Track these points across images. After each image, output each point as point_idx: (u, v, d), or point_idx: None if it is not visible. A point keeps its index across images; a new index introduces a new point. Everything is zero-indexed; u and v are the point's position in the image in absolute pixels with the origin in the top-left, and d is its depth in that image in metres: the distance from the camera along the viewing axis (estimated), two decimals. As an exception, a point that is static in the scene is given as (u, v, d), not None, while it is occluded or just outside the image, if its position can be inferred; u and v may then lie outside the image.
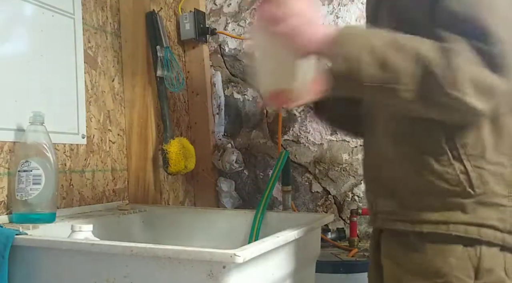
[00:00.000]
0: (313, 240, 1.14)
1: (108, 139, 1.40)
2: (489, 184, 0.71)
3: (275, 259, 0.87)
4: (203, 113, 1.74)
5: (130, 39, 1.48)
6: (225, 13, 1.78)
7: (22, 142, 1.08)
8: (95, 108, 1.36)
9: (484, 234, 0.71)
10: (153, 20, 1.48)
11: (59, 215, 1.12)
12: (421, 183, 0.75)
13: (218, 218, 1.31)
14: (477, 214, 0.71)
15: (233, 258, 0.68)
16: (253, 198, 1.74)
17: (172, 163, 1.44)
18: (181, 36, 1.70)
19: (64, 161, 1.24)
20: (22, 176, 1.04)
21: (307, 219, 1.12)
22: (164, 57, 1.47)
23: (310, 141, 1.64)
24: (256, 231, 1.22)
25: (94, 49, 1.37)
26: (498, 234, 0.71)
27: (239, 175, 1.75)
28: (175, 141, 1.46)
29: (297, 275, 1.02)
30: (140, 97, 1.46)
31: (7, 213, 1.07)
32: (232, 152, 1.69)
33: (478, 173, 0.71)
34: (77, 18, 1.32)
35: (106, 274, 0.77)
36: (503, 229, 0.71)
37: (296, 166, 1.66)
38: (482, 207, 0.71)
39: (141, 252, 0.74)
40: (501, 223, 0.71)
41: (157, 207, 1.41)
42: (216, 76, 1.77)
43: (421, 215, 0.75)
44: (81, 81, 1.31)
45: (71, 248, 0.81)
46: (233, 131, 1.77)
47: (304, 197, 1.66)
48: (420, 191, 0.75)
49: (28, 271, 0.84)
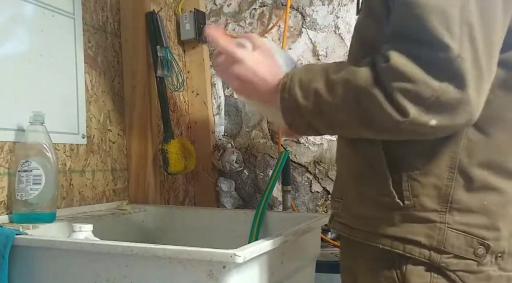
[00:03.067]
0: (313, 240, 1.14)
1: (108, 139, 1.40)
2: (419, 197, 0.66)
3: (275, 259, 0.87)
4: (203, 113, 1.74)
5: (130, 39, 1.48)
6: (225, 13, 1.78)
7: (22, 142, 1.08)
8: (95, 108, 1.36)
9: (408, 250, 0.66)
10: (153, 20, 1.48)
11: (59, 215, 1.12)
12: (358, 190, 0.73)
13: (218, 218, 1.31)
14: (403, 228, 0.66)
15: (233, 258, 0.68)
16: (253, 198, 1.74)
17: (172, 163, 1.44)
18: (181, 36, 1.70)
19: (64, 161, 1.24)
20: (22, 176, 1.04)
21: (307, 219, 1.12)
22: (164, 57, 1.47)
23: (310, 141, 1.64)
24: (256, 231, 1.22)
25: (94, 49, 1.37)
26: (424, 251, 0.65)
27: (239, 175, 1.75)
28: (175, 141, 1.46)
29: (297, 275, 1.02)
30: (140, 97, 1.46)
31: (7, 213, 1.07)
32: (232, 152, 1.69)
33: (410, 184, 0.66)
34: (77, 18, 1.32)
35: (106, 274, 0.77)
36: (429, 246, 0.65)
37: (296, 166, 1.66)
38: (409, 221, 0.66)
39: (141, 252, 0.74)
40: (427, 239, 0.65)
41: (157, 207, 1.41)
42: (216, 76, 1.77)
43: (356, 223, 0.73)
44: (81, 81, 1.31)
45: (71, 248, 0.81)
46: (233, 131, 1.77)
47: (304, 197, 1.66)
48: (357, 197, 0.73)
49: (28, 271, 0.84)
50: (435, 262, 0.65)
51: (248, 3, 1.74)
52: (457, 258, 0.65)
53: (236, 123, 1.77)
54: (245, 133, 1.75)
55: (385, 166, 0.67)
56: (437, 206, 0.65)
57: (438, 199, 0.65)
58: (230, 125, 1.78)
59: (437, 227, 0.65)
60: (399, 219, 0.67)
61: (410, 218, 0.66)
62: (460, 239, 0.64)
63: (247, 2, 1.75)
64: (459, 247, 0.64)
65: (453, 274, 0.65)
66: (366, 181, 0.70)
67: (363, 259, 0.73)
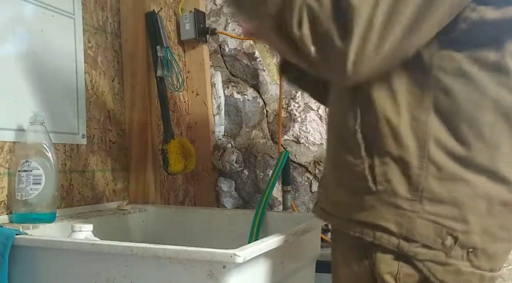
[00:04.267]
0: (313, 240, 1.14)
1: (108, 139, 1.40)
2: (392, 183, 0.65)
3: (275, 259, 0.87)
4: (203, 113, 1.74)
5: (130, 39, 1.48)
6: (225, 13, 1.78)
7: (22, 142, 1.08)
8: (95, 108, 1.36)
9: (378, 237, 0.66)
10: (153, 20, 1.48)
11: (59, 215, 1.12)
12: (335, 175, 0.73)
13: (218, 218, 1.31)
14: (373, 213, 0.66)
15: (233, 258, 0.68)
16: (253, 198, 1.74)
17: (172, 163, 1.44)
18: (181, 36, 1.70)
19: (64, 161, 1.24)
20: (22, 176, 1.04)
21: (307, 219, 1.12)
22: (164, 57, 1.47)
23: (310, 141, 1.64)
24: (256, 231, 1.22)
25: (94, 49, 1.37)
26: (393, 239, 0.65)
27: (239, 175, 1.75)
28: (175, 141, 1.46)
29: (297, 275, 1.02)
30: (140, 97, 1.46)
31: (7, 213, 1.07)
32: (232, 152, 1.69)
33: (384, 170, 0.65)
34: (77, 18, 1.32)
35: (106, 274, 0.77)
36: (398, 234, 0.64)
37: (296, 166, 1.66)
38: (381, 206, 0.66)
39: (141, 252, 0.74)
40: (397, 227, 0.65)
41: (157, 207, 1.41)
42: (216, 76, 1.77)
43: (333, 209, 0.74)
44: (81, 81, 1.31)
45: (71, 248, 0.81)
46: (233, 131, 1.77)
47: (304, 197, 1.66)
48: (335, 183, 0.73)
49: (28, 271, 0.84)
50: (403, 250, 0.65)
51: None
52: (426, 247, 0.64)
53: (236, 123, 1.77)
54: (245, 133, 1.75)
55: (362, 151, 0.67)
56: (407, 194, 0.65)
57: (409, 187, 0.65)
58: (230, 125, 1.78)
59: (407, 215, 0.65)
60: (370, 204, 0.67)
61: (381, 203, 0.66)
62: (429, 229, 0.64)
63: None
64: (427, 236, 0.64)
65: (421, 264, 0.65)
66: (343, 166, 0.70)
67: (340, 247, 0.74)
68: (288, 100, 1.67)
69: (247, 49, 1.73)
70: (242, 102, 1.76)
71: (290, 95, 1.67)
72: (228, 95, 1.78)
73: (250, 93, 1.74)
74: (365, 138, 0.67)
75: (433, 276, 0.64)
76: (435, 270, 0.65)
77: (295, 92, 1.66)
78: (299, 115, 1.66)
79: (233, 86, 1.77)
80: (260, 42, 0.99)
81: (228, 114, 1.78)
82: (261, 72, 1.72)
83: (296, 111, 1.66)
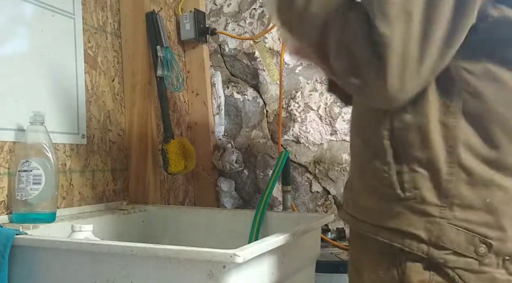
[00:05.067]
0: (313, 240, 1.14)
1: (108, 139, 1.40)
2: (420, 190, 0.64)
3: (275, 259, 0.87)
4: (203, 113, 1.74)
5: (130, 39, 1.48)
6: (225, 13, 1.78)
7: (22, 142, 1.08)
8: (95, 108, 1.36)
9: (407, 244, 0.65)
10: (153, 20, 1.48)
11: (59, 215, 1.12)
12: (363, 180, 0.72)
13: (218, 218, 1.31)
14: (402, 220, 0.65)
15: (233, 258, 0.68)
16: (253, 198, 1.74)
17: (172, 163, 1.44)
18: (181, 36, 1.70)
19: (64, 161, 1.24)
20: (22, 176, 1.04)
21: (307, 219, 1.12)
22: (164, 57, 1.47)
23: (310, 141, 1.64)
24: (256, 231, 1.22)
25: (94, 49, 1.37)
26: (423, 246, 0.64)
27: (239, 175, 1.75)
28: (175, 141, 1.46)
29: (297, 275, 1.02)
30: (140, 97, 1.46)
31: (7, 213, 1.07)
32: (232, 152, 1.69)
33: (412, 176, 0.65)
34: (77, 18, 1.32)
35: (106, 274, 0.77)
36: (428, 241, 0.64)
37: (296, 166, 1.66)
38: (410, 213, 0.65)
39: (141, 252, 0.74)
40: (426, 233, 0.64)
41: (157, 207, 1.41)
42: (216, 76, 1.77)
43: (360, 214, 0.73)
44: (81, 81, 1.31)
45: (71, 248, 0.81)
46: (233, 131, 1.77)
47: (304, 197, 1.66)
48: (362, 188, 0.73)
49: (28, 271, 0.84)
50: (433, 257, 0.64)
51: (248, 3, 1.74)
52: (457, 255, 0.63)
53: (236, 123, 1.77)
54: (245, 133, 1.75)
55: (389, 157, 0.66)
56: (437, 201, 0.64)
57: (438, 193, 0.64)
58: (230, 125, 1.78)
59: (437, 221, 0.64)
60: (399, 211, 0.66)
61: (410, 210, 0.65)
62: (460, 236, 0.63)
63: (247, 2, 1.75)
64: (458, 243, 0.63)
65: (452, 271, 0.64)
66: (370, 171, 0.70)
67: (367, 253, 0.72)
68: (288, 100, 1.67)
69: (247, 49, 1.73)
70: (242, 102, 1.76)
71: (290, 95, 1.67)
72: (228, 95, 1.78)
73: (250, 93, 1.74)
74: (393, 144, 0.66)
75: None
76: (468, 278, 0.63)
77: (295, 92, 1.66)
78: (299, 115, 1.66)
79: (233, 86, 1.77)
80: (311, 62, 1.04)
81: (228, 114, 1.78)
82: (261, 72, 1.72)
83: (296, 111, 1.66)
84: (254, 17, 1.73)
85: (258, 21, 1.72)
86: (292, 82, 1.66)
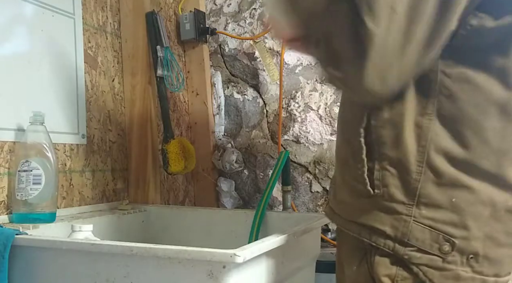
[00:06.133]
0: (313, 240, 1.14)
1: (108, 139, 1.40)
2: (389, 188, 0.66)
3: (275, 259, 0.87)
4: (203, 113, 1.74)
5: (130, 39, 1.48)
6: (225, 13, 1.78)
7: (22, 142, 1.08)
8: (95, 108, 1.36)
9: (374, 239, 0.67)
10: (153, 20, 1.48)
11: (59, 215, 1.12)
12: (342, 176, 0.74)
13: (218, 218, 1.31)
14: (371, 216, 0.67)
15: (233, 258, 0.68)
16: (253, 198, 1.74)
17: (172, 163, 1.44)
18: (181, 36, 1.70)
19: (64, 161, 1.24)
20: (22, 176, 1.04)
21: (307, 219, 1.12)
22: (164, 57, 1.47)
23: (310, 141, 1.64)
24: (256, 231, 1.22)
25: (94, 49, 1.37)
26: (389, 242, 0.66)
27: (239, 175, 1.75)
28: (175, 141, 1.46)
29: (297, 275, 1.02)
30: (140, 97, 1.46)
31: (7, 213, 1.07)
32: (232, 152, 1.69)
33: (382, 174, 0.66)
34: (77, 18, 1.32)
35: (106, 274, 0.77)
36: (394, 237, 0.65)
37: (296, 166, 1.66)
38: (378, 210, 0.67)
39: (141, 252, 0.74)
40: (393, 230, 0.65)
41: (157, 207, 1.41)
42: (216, 76, 1.77)
43: (337, 208, 0.75)
44: (81, 81, 1.31)
45: (71, 248, 0.81)
46: (233, 131, 1.77)
47: (304, 197, 1.66)
48: (342, 183, 0.74)
49: (28, 271, 0.84)
50: (399, 253, 0.65)
51: (248, 3, 1.74)
52: (421, 252, 0.65)
53: (236, 123, 1.77)
54: (245, 133, 1.75)
55: (363, 154, 0.68)
56: (404, 199, 0.65)
57: (406, 192, 0.65)
58: (230, 125, 1.78)
59: (403, 219, 0.65)
60: (368, 207, 0.68)
61: (378, 207, 0.67)
62: (425, 233, 0.64)
63: (247, 2, 1.75)
64: (423, 241, 0.64)
65: (416, 267, 0.65)
66: (348, 168, 0.72)
67: (345, 247, 0.75)
68: (288, 100, 1.67)
69: (247, 49, 1.73)
70: (242, 102, 1.76)
71: (290, 95, 1.67)
72: (228, 95, 1.78)
73: (250, 93, 1.74)
74: (367, 141, 0.68)
75: (429, 280, 0.65)
76: (432, 275, 0.65)
77: (295, 92, 1.66)
78: (299, 115, 1.66)
79: (233, 86, 1.77)
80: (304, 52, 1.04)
81: (228, 114, 1.78)
82: (261, 72, 1.72)
83: (296, 111, 1.66)
84: (254, 17, 1.73)
85: (258, 21, 1.72)
86: (292, 82, 1.66)
